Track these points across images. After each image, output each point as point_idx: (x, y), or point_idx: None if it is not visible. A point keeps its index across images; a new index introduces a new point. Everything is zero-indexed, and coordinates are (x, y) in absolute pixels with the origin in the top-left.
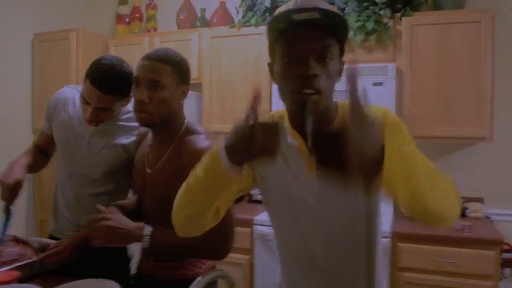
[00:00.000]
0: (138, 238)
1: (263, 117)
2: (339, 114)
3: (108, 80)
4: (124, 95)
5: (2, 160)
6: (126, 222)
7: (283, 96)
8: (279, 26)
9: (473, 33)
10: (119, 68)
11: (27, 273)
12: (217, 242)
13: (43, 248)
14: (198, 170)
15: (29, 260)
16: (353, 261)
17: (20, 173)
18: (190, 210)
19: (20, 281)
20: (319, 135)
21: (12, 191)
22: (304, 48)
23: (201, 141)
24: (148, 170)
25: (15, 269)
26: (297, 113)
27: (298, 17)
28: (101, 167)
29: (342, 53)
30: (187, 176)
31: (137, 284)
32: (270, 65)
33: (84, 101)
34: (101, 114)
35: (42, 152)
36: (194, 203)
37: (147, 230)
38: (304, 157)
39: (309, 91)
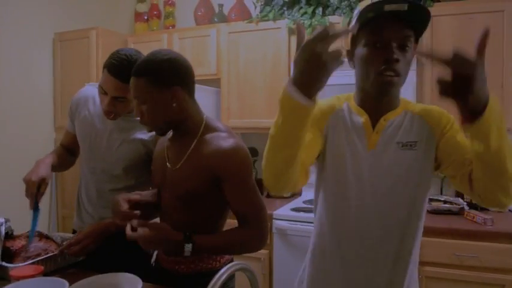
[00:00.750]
0: (178, 251)
1: (327, 99)
2: (401, 105)
3: (124, 69)
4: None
5: (25, 157)
6: (169, 236)
7: (364, 78)
8: (368, 14)
9: (495, 23)
10: (136, 58)
11: (51, 267)
12: (256, 235)
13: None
14: (276, 118)
15: (52, 254)
16: (397, 242)
17: (45, 170)
18: (279, 156)
19: (44, 274)
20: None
21: (37, 188)
22: (390, 36)
23: (224, 139)
24: (169, 165)
25: (39, 263)
26: (373, 92)
27: (389, 7)
28: (121, 163)
29: (416, 44)
30: (211, 174)
31: (156, 277)
32: (349, 52)
33: (102, 91)
34: (117, 104)
35: (68, 151)
36: (280, 148)
37: (188, 246)
38: (367, 134)
39: (391, 73)
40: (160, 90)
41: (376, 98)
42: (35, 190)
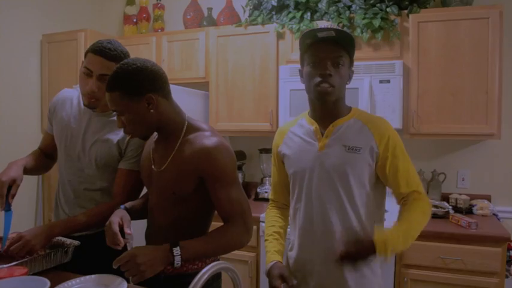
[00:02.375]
0: (169, 260)
1: (287, 123)
2: (351, 113)
3: (108, 49)
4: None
5: (10, 159)
6: (153, 254)
7: (308, 90)
8: (307, 41)
9: (481, 30)
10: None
11: (35, 268)
12: (242, 232)
13: (51, 245)
14: None
15: (37, 255)
16: (334, 212)
17: (16, 171)
18: None
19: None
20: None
21: (8, 189)
22: (325, 56)
23: (207, 138)
24: (154, 168)
25: (23, 264)
26: (316, 102)
27: (321, 34)
28: (93, 162)
29: (351, 63)
30: (196, 173)
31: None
32: (301, 71)
33: (87, 71)
34: (101, 86)
35: (45, 155)
36: None
37: (176, 250)
38: (318, 139)
39: (325, 85)
40: (134, 100)
41: (320, 107)
42: (4, 191)
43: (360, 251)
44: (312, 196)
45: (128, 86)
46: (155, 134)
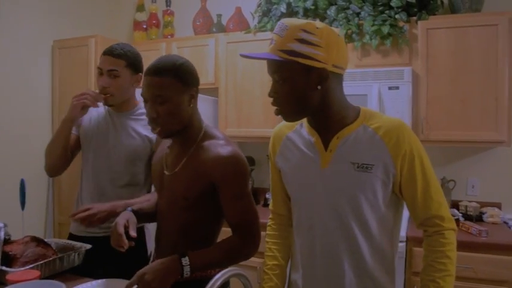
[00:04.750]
0: (179, 272)
1: (284, 124)
2: (359, 118)
3: (116, 48)
4: (131, 63)
5: (22, 163)
6: (161, 267)
7: None
8: None
9: (490, 37)
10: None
11: (48, 272)
12: (250, 244)
13: (61, 248)
14: None
15: (49, 259)
16: (342, 247)
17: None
18: None
19: (41, 279)
20: None
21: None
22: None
23: (221, 146)
24: (166, 172)
25: (37, 267)
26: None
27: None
28: (122, 157)
29: (309, 69)
30: (208, 180)
31: None
32: None
33: (98, 70)
34: (112, 82)
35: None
36: None
37: (185, 260)
38: (320, 153)
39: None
40: (184, 90)
41: (313, 117)
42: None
43: None
44: (315, 223)
45: (182, 74)
46: (169, 140)
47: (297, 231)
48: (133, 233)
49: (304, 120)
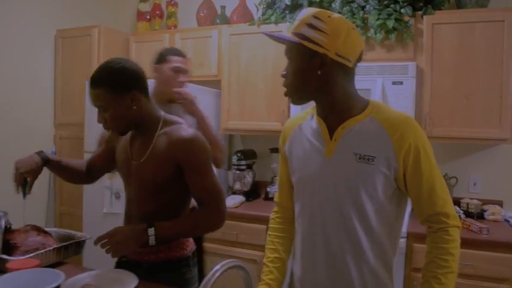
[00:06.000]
0: (144, 239)
1: (298, 115)
2: (367, 110)
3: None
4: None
5: (24, 153)
6: (130, 232)
7: None
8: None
9: (495, 32)
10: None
11: (48, 261)
12: (214, 215)
13: (62, 238)
14: None
15: (50, 248)
16: (342, 238)
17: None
18: None
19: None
20: None
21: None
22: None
23: (183, 129)
24: (134, 162)
25: (37, 256)
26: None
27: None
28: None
29: (314, 52)
30: (174, 162)
31: (127, 269)
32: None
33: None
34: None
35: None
36: None
37: (150, 230)
38: (325, 142)
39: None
40: (120, 96)
41: (319, 104)
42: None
43: None
44: (316, 212)
45: (114, 82)
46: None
47: (298, 221)
48: (28, 191)
49: (315, 111)
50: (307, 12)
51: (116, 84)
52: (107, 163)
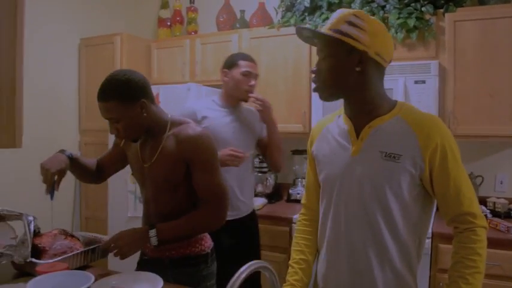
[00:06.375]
0: (147, 240)
1: (325, 117)
2: (394, 110)
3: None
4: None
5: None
6: (133, 234)
7: None
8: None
9: None
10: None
11: (75, 264)
12: (215, 213)
13: (88, 242)
14: None
15: (77, 251)
16: (366, 236)
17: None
18: None
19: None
20: None
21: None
22: (318, 51)
23: (191, 128)
24: (145, 165)
25: (65, 260)
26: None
27: (306, 33)
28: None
29: (352, 49)
30: (183, 160)
31: (144, 267)
32: None
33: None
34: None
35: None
36: None
37: (152, 232)
38: (352, 141)
39: (313, 80)
40: (130, 106)
41: (348, 103)
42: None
43: None
44: (341, 210)
45: (123, 94)
46: None
47: (323, 219)
48: (56, 188)
49: (342, 111)
50: (344, 11)
51: (126, 95)
52: (115, 164)
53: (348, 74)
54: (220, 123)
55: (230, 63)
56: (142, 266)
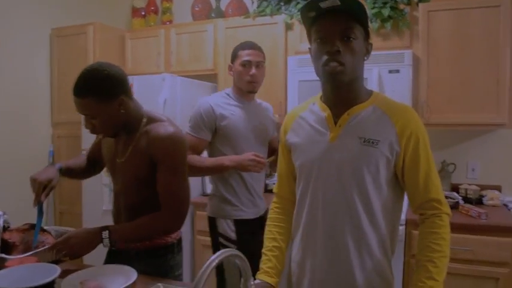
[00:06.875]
0: (99, 241)
1: (297, 106)
2: (371, 99)
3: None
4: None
5: (22, 152)
6: (86, 235)
7: (317, 72)
8: (310, 14)
9: (492, 18)
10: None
11: (45, 259)
12: (170, 219)
13: (60, 236)
14: None
15: (49, 246)
16: (344, 220)
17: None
18: None
19: None
20: None
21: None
22: (332, 29)
23: (163, 127)
24: (118, 160)
25: (34, 255)
26: (326, 84)
27: (324, 4)
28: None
29: (366, 35)
30: (150, 159)
31: (113, 259)
32: (310, 49)
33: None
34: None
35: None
36: None
37: (105, 233)
38: (330, 128)
39: (334, 63)
40: (107, 103)
41: (332, 90)
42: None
43: None
44: (319, 194)
45: (102, 91)
46: None
47: (299, 207)
48: (43, 198)
49: (317, 98)
50: None
51: (105, 92)
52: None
53: (363, 58)
54: (240, 119)
55: (232, 56)
56: (111, 257)
